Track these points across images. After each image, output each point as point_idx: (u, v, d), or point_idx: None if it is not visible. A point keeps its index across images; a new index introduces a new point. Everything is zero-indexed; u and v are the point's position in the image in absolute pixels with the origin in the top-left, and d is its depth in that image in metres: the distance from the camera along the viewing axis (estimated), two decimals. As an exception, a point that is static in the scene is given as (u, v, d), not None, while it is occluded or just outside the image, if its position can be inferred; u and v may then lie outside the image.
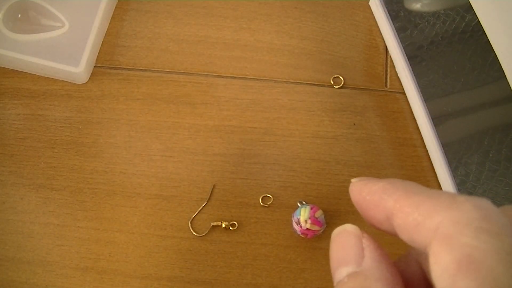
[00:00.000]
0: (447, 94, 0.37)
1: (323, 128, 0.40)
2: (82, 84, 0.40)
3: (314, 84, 0.41)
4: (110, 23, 0.42)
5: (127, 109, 0.39)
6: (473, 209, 0.16)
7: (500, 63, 0.29)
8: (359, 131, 0.40)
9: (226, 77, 0.41)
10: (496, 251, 0.15)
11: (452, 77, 0.36)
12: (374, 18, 0.44)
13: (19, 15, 0.40)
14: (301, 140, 0.39)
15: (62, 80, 0.40)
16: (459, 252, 0.15)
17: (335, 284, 0.19)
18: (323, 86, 0.41)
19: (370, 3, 0.44)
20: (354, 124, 0.40)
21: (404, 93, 0.41)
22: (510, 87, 0.28)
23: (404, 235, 0.17)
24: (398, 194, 0.17)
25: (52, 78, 0.40)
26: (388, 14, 0.42)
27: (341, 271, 0.19)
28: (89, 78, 0.40)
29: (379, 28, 0.43)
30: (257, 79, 0.41)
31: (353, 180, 0.20)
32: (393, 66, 0.42)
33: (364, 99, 0.41)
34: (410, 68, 0.40)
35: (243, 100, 0.40)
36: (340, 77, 0.41)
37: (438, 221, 0.16)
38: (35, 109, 0.39)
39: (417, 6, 0.40)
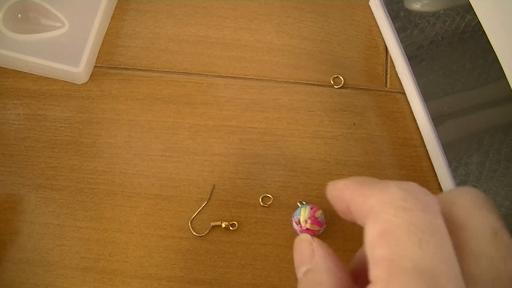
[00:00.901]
0: (447, 94, 0.37)
1: (323, 128, 0.40)
2: (82, 84, 0.40)
3: (314, 84, 0.41)
4: (110, 23, 0.42)
5: (127, 109, 0.39)
6: (398, 191, 0.19)
7: (500, 63, 0.28)
8: (359, 131, 0.40)
9: (226, 77, 0.41)
10: (405, 224, 0.18)
11: (452, 77, 0.36)
12: (374, 18, 0.44)
13: (19, 15, 0.40)
14: (301, 140, 0.39)
15: (62, 80, 0.40)
16: (379, 226, 0.18)
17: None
18: (323, 86, 0.41)
19: (370, 3, 0.44)
20: (354, 124, 0.40)
21: (404, 93, 0.41)
22: (510, 87, 0.28)
23: (358, 220, 0.21)
24: (353, 188, 0.21)
25: (52, 78, 0.40)
26: (388, 14, 0.42)
27: (300, 271, 0.23)
28: (89, 78, 0.40)
29: (379, 28, 0.43)
30: (257, 79, 0.41)
31: (328, 183, 0.24)
32: (393, 66, 0.42)
33: (364, 99, 0.41)
34: (410, 68, 0.40)
35: (243, 100, 0.40)
36: (340, 77, 0.41)
37: (372, 203, 0.19)
38: (35, 109, 0.39)
39: (417, 6, 0.40)
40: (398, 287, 0.17)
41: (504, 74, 0.28)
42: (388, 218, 0.18)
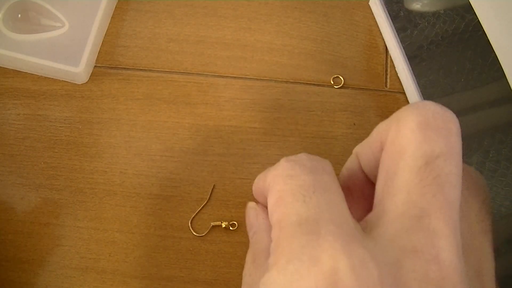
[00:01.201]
0: (447, 94, 0.37)
1: (323, 128, 0.40)
2: (82, 84, 0.40)
3: (314, 84, 0.41)
4: (110, 23, 0.42)
5: (127, 109, 0.39)
6: (285, 163, 0.21)
7: (500, 63, 0.29)
8: (359, 131, 0.40)
9: (226, 77, 0.41)
10: (292, 188, 0.20)
11: (452, 77, 0.36)
12: (374, 18, 0.44)
13: (19, 15, 0.40)
14: (301, 140, 0.39)
15: (62, 80, 0.40)
16: (274, 196, 0.21)
17: None
18: (323, 86, 0.41)
19: (370, 3, 0.44)
20: (354, 124, 0.40)
21: (404, 93, 0.41)
22: (510, 87, 0.28)
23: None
24: (262, 176, 0.24)
25: (52, 78, 0.40)
26: (388, 14, 0.42)
27: (250, 235, 0.26)
28: (89, 78, 0.40)
29: (379, 28, 0.43)
30: (257, 79, 0.41)
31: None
32: (393, 66, 0.42)
33: (364, 99, 0.41)
34: (410, 68, 0.40)
35: (243, 100, 0.40)
36: (340, 77, 0.41)
37: (268, 181, 0.21)
38: (35, 109, 0.39)
39: (417, 6, 0.40)
40: (285, 237, 0.19)
41: (504, 74, 0.28)
42: (279, 187, 0.20)
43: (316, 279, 0.17)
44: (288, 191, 0.20)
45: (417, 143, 0.19)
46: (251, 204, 0.27)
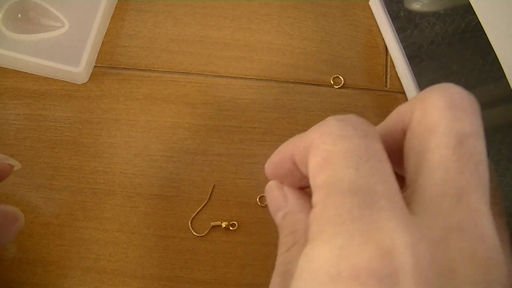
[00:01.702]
0: (447, 94, 0.37)
1: (323, 128, 0.40)
2: (82, 84, 0.40)
3: (314, 84, 0.41)
4: (110, 23, 0.42)
5: (127, 109, 0.39)
6: (335, 123, 0.19)
7: (500, 63, 0.29)
8: (359, 131, 0.40)
9: (226, 77, 0.41)
10: (343, 150, 0.18)
11: (452, 77, 0.36)
12: (374, 18, 0.44)
13: (19, 15, 0.40)
14: (301, 140, 0.39)
15: (62, 80, 0.40)
16: (320, 156, 0.19)
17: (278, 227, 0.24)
18: (323, 86, 0.41)
19: (370, 3, 0.44)
20: (354, 124, 0.40)
21: (404, 93, 0.41)
22: (510, 87, 0.28)
23: (303, 169, 0.21)
24: (293, 140, 0.22)
25: (52, 78, 0.40)
26: (388, 14, 0.42)
27: (278, 216, 0.24)
28: (89, 78, 0.40)
29: (379, 28, 0.43)
30: (257, 79, 0.41)
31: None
32: (393, 66, 0.42)
33: (364, 99, 0.41)
34: (410, 68, 0.40)
35: (243, 100, 0.40)
36: (340, 77, 0.41)
37: (312, 137, 0.20)
38: (35, 109, 0.39)
39: (417, 6, 0.40)
40: (334, 205, 0.18)
41: (504, 74, 0.28)
42: (327, 147, 0.19)
43: (369, 256, 0.16)
44: (339, 153, 0.18)
45: (448, 121, 0.19)
46: (274, 183, 0.24)
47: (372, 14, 0.44)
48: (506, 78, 0.28)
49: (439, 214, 0.18)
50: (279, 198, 0.24)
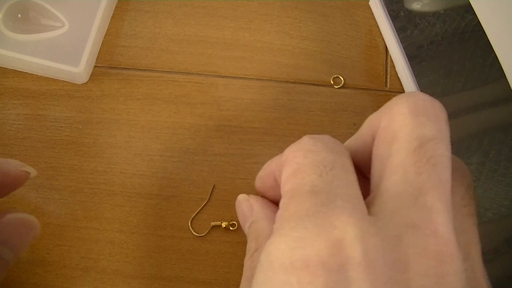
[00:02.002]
0: (447, 94, 0.37)
1: (323, 128, 0.40)
2: (82, 84, 0.40)
3: (314, 84, 0.41)
4: (110, 23, 0.42)
5: (127, 109, 0.39)
6: (308, 140, 0.21)
7: (500, 63, 0.29)
8: (359, 131, 0.40)
9: (226, 77, 0.41)
10: (311, 161, 0.20)
11: (452, 77, 0.36)
12: (374, 18, 0.44)
13: (19, 15, 0.40)
14: (301, 140, 0.39)
15: (62, 80, 0.40)
16: (291, 168, 0.21)
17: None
18: (323, 86, 0.41)
19: (370, 3, 0.44)
20: (354, 124, 0.40)
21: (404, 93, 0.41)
22: (510, 87, 0.28)
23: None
24: (276, 158, 0.24)
25: (52, 78, 0.40)
26: (388, 14, 0.42)
27: (245, 227, 0.26)
28: (89, 78, 0.40)
29: (379, 28, 0.43)
30: (257, 79, 0.41)
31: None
32: (393, 66, 0.42)
33: (364, 99, 0.41)
34: (410, 68, 0.40)
35: (243, 100, 0.40)
36: (340, 77, 0.41)
37: (286, 154, 0.21)
38: (35, 109, 0.39)
39: (417, 6, 0.40)
40: (294, 205, 0.19)
41: (504, 74, 0.28)
42: (298, 160, 0.20)
43: (319, 248, 0.17)
44: (307, 164, 0.20)
45: (410, 127, 0.20)
46: (242, 197, 0.27)
47: (372, 14, 0.44)
48: (506, 78, 0.28)
49: (395, 213, 0.19)
50: (246, 210, 0.26)
